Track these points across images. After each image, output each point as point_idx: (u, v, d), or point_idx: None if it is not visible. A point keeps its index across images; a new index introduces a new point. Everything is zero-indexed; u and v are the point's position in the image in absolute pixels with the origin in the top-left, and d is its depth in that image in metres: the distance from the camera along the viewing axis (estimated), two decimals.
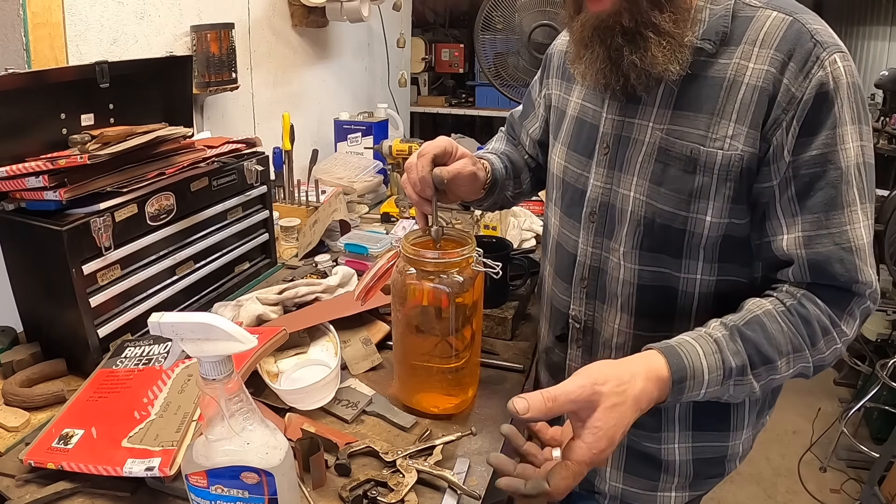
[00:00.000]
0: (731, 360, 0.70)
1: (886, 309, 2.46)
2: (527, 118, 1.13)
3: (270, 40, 2.03)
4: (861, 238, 0.71)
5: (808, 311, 0.72)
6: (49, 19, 1.25)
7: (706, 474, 0.93)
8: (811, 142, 0.70)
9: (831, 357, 0.74)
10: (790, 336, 0.72)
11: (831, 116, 0.69)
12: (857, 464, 2.45)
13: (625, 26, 0.73)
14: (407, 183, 0.91)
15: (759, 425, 0.94)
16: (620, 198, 0.83)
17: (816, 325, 0.72)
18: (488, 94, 3.58)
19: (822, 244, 0.71)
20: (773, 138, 0.71)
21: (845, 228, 0.71)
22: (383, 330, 1.17)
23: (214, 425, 0.62)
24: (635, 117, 0.81)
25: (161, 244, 1.16)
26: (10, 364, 1.04)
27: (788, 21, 0.71)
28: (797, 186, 0.71)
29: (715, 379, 0.70)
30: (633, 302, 0.85)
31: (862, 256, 0.71)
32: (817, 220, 0.71)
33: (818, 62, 0.69)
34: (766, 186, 0.74)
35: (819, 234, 0.71)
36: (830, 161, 0.70)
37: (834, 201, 0.70)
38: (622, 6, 0.73)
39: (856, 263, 0.71)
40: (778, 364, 0.72)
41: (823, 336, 0.73)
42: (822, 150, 0.70)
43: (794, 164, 0.71)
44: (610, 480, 0.96)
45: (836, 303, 0.73)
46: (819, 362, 0.74)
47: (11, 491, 0.81)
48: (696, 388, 0.69)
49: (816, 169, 0.70)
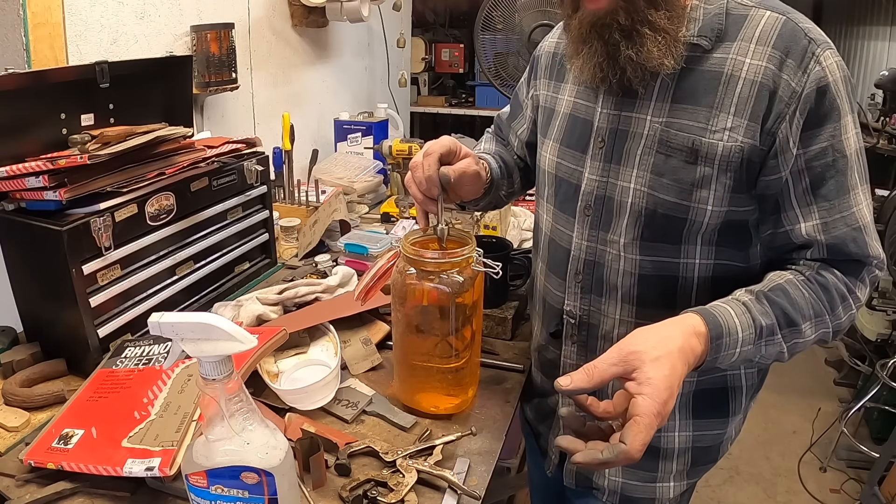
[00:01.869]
0: (760, 320, 0.73)
1: (886, 309, 2.46)
2: (514, 119, 1.14)
3: (270, 40, 2.03)
4: (866, 217, 0.77)
5: (826, 280, 0.77)
6: (49, 19, 1.25)
7: (702, 461, 0.95)
8: (818, 134, 0.74)
9: (847, 322, 0.79)
10: (812, 302, 0.76)
11: (833, 109, 0.74)
12: (857, 464, 2.45)
13: (622, 24, 0.75)
14: (412, 182, 0.91)
15: (749, 408, 0.98)
16: (619, 190, 0.84)
17: (834, 292, 0.77)
18: (488, 94, 3.58)
19: (837, 228, 0.76)
20: (777, 132, 0.74)
21: (853, 210, 0.76)
22: (383, 330, 1.17)
23: (214, 425, 0.62)
24: (632, 111, 0.83)
25: (161, 244, 1.16)
26: (10, 364, 1.04)
27: (782, 20, 0.75)
28: (811, 177, 0.76)
29: (748, 338, 0.73)
30: (635, 292, 0.86)
31: (869, 233, 0.77)
32: (832, 207, 0.76)
33: (814, 58, 0.73)
34: (774, 179, 0.77)
35: (834, 219, 0.76)
36: (838, 150, 0.75)
37: (843, 186, 0.76)
38: (619, 4, 0.75)
39: (866, 240, 0.77)
40: (802, 327, 0.75)
41: (841, 302, 0.77)
42: (830, 141, 0.74)
43: (804, 156, 0.75)
44: (609, 475, 0.96)
45: (850, 272, 0.78)
46: (837, 327, 0.79)
47: (11, 491, 0.81)
48: (732, 346, 0.72)
49: (827, 159, 0.75)
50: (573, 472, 1.01)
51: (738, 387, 0.91)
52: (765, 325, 0.74)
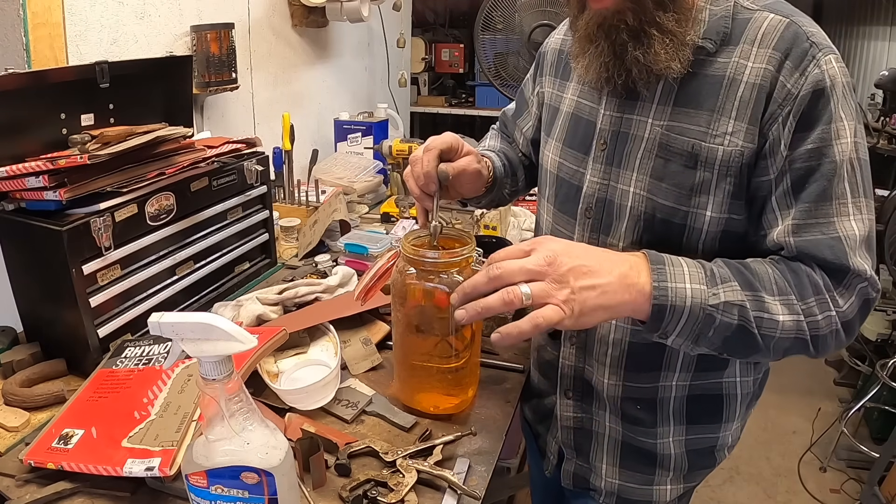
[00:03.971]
0: (710, 266, 0.71)
1: (886, 309, 2.46)
2: (520, 116, 1.13)
3: (270, 40, 2.03)
4: (852, 230, 0.71)
5: (796, 265, 0.73)
6: (49, 19, 1.25)
7: (699, 465, 0.95)
8: (807, 136, 0.72)
9: (825, 325, 0.71)
10: (774, 277, 0.71)
11: (827, 112, 0.71)
12: (857, 464, 2.45)
13: (629, 25, 0.75)
14: (410, 176, 0.91)
15: (747, 416, 0.97)
16: (619, 193, 0.84)
17: (805, 277, 0.71)
18: (488, 94, 3.58)
19: (809, 233, 0.72)
20: (769, 133, 0.73)
21: (832, 220, 0.71)
22: (383, 330, 1.17)
23: (214, 425, 0.62)
24: (634, 113, 0.82)
25: (161, 244, 1.16)
26: (10, 364, 1.04)
27: (786, 23, 0.74)
28: (792, 179, 0.73)
29: (696, 275, 0.69)
30: None
31: (852, 246, 0.71)
32: (808, 210, 0.72)
33: (814, 61, 0.71)
34: (763, 180, 0.75)
35: (807, 223, 0.72)
36: (825, 154, 0.71)
37: (825, 193, 0.71)
38: (626, 5, 0.74)
39: (846, 251, 0.71)
40: (764, 297, 0.70)
41: (815, 294, 0.71)
42: (818, 143, 0.71)
43: (789, 157, 0.72)
44: (606, 476, 0.96)
45: (831, 274, 0.72)
46: (813, 325, 0.71)
47: (11, 491, 0.81)
48: (679, 277, 0.68)
49: (812, 162, 0.72)
50: (570, 473, 1.01)
51: (733, 394, 0.90)
52: (716, 271, 0.70)
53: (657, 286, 0.68)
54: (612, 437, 0.94)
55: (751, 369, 0.91)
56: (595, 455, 0.97)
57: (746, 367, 0.90)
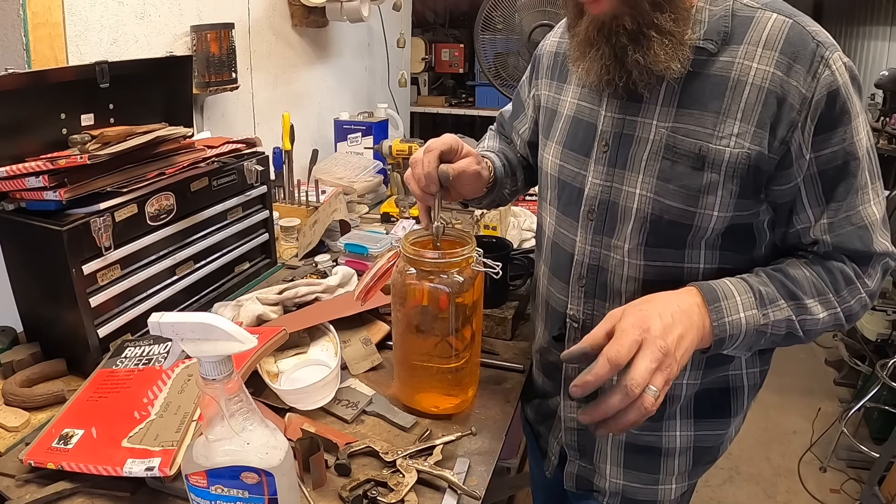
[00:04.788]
0: (758, 287, 0.76)
1: (886, 309, 2.46)
2: (517, 118, 1.13)
3: (270, 40, 2.03)
4: (873, 214, 0.77)
5: (830, 264, 0.79)
6: (49, 19, 1.25)
7: (703, 460, 0.96)
8: (830, 138, 0.74)
9: (857, 306, 0.80)
10: (813, 280, 0.78)
11: (844, 112, 0.74)
12: (857, 464, 2.45)
13: (628, 28, 0.75)
14: (411, 178, 0.91)
15: (749, 408, 0.98)
16: (624, 195, 0.84)
17: (839, 274, 0.78)
18: (488, 94, 3.58)
19: (842, 227, 0.77)
20: (791, 141, 0.74)
21: (858, 209, 0.77)
22: (383, 330, 1.17)
23: (214, 425, 0.62)
24: (637, 115, 0.82)
25: (161, 244, 1.16)
26: (10, 364, 1.04)
27: (789, 23, 0.74)
28: (823, 182, 0.76)
29: (748, 301, 0.74)
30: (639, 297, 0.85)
31: (875, 229, 0.78)
32: (839, 207, 0.77)
33: (823, 61, 0.72)
34: (789, 187, 0.77)
35: (839, 219, 0.77)
36: (850, 153, 0.75)
37: (852, 187, 0.76)
38: (623, 10, 0.74)
39: (872, 237, 0.78)
40: (807, 303, 0.77)
41: (847, 285, 0.78)
42: (842, 144, 0.74)
43: (817, 160, 0.75)
44: (610, 477, 0.96)
45: (857, 260, 0.79)
46: (847, 311, 0.79)
47: (11, 491, 0.81)
48: (734, 310, 0.74)
49: (839, 163, 0.75)
50: (573, 475, 1.01)
51: (740, 387, 0.91)
52: (764, 291, 0.75)
53: (717, 324, 0.73)
54: (617, 437, 0.94)
55: (756, 360, 0.92)
56: (599, 456, 0.97)
57: (752, 358, 0.91)
